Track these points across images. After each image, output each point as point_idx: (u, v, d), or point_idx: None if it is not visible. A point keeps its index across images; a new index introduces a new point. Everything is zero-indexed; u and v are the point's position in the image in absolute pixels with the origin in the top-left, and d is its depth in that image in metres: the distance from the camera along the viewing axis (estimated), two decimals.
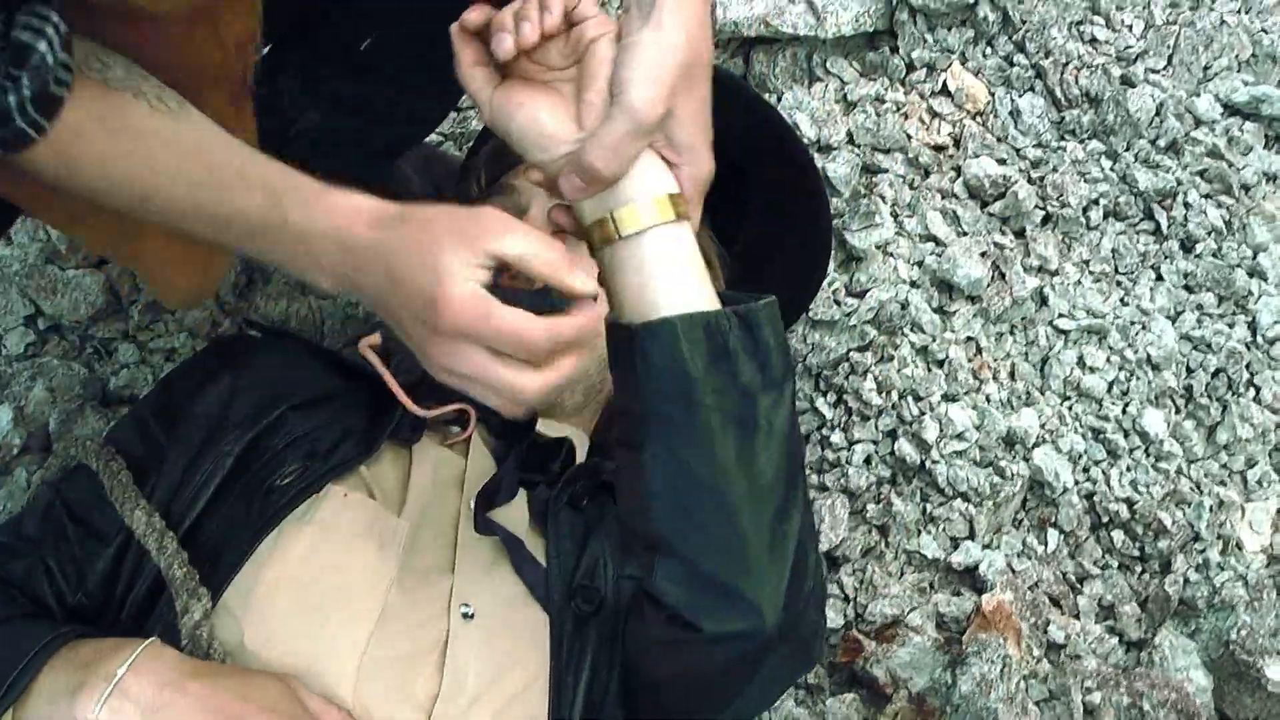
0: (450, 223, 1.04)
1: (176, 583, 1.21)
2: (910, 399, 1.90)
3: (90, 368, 1.97)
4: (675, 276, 1.10)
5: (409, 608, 1.26)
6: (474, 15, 1.14)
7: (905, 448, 1.87)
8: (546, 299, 1.08)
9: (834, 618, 1.81)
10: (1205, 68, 2.19)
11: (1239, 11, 2.25)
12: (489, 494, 1.35)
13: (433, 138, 2.07)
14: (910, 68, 2.16)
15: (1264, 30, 2.23)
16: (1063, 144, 2.10)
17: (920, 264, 2.00)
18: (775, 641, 1.11)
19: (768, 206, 1.79)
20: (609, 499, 1.37)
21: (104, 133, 1.03)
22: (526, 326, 1.03)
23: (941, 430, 1.86)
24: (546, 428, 1.49)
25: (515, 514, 1.37)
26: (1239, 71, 2.19)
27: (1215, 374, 1.96)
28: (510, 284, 1.07)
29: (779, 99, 2.13)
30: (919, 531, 1.86)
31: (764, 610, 1.09)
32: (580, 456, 1.52)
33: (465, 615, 1.25)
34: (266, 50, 1.66)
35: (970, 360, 1.94)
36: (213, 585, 1.22)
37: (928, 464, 1.86)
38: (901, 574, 1.86)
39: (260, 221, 1.06)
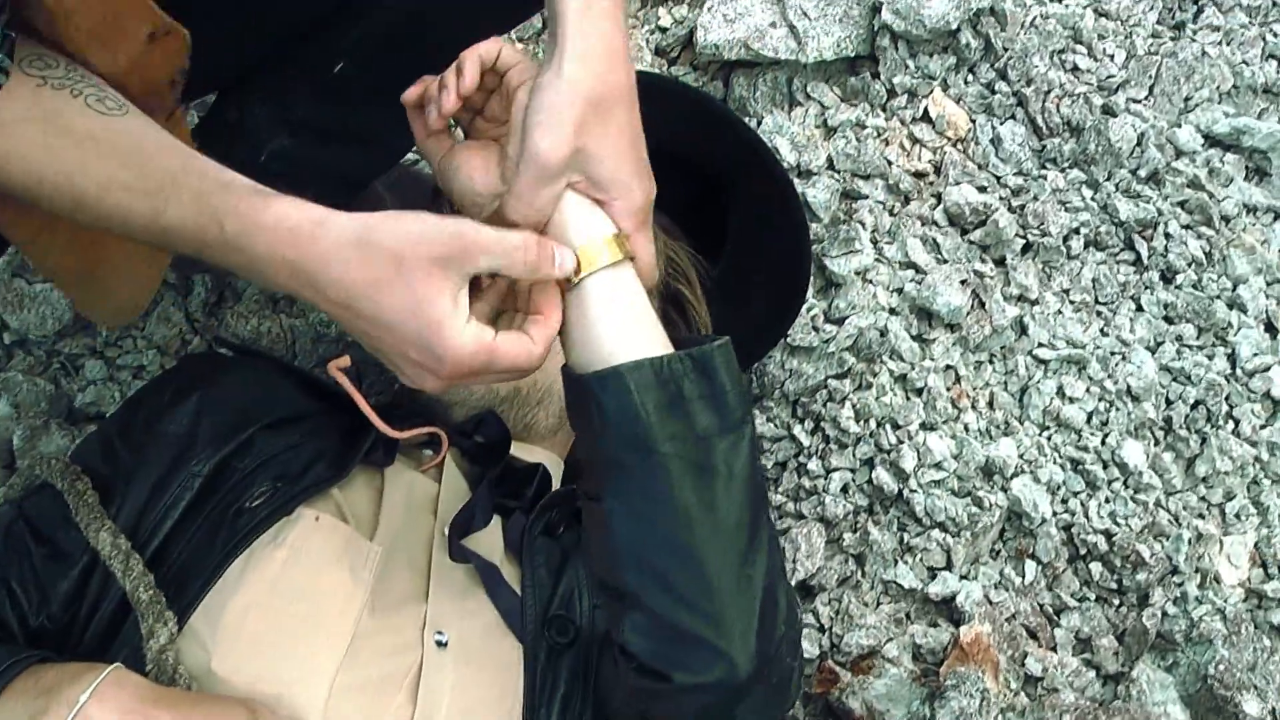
0: (421, 255, 1.02)
1: (142, 605, 1.19)
2: (888, 427, 1.88)
3: (56, 384, 1.94)
4: (617, 322, 1.10)
5: (381, 634, 1.24)
6: (413, 92, 1.18)
7: (883, 476, 1.86)
8: None
9: (809, 648, 1.79)
10: (1186, 98, 2.19)
11: (1220, 43, 2.26)
12: (463, 521, 1.33)
13: (408, 156, 2.05)
14: (891, 94, 2.16)
15: (1245, 62, 2.24)
16: (1044, 172, 2.09)
17: (900, 291, 1.99)
18: (748, 688, 1.09)
19: (751, 221, 1.78)
20: None
21: (36, 131, 1.01)
22: (528, 355, 1.07)
23: (919, 459, 1.85)
24: (520, 452, 1.48)
25: (490, 540, 1.35)
26: (1220, 103, 2.20)
27: (1195, 406, 1.96)
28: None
29: (759, 123, 2.12)
30: (896, 561, 1.85)
31: (734, 658, 1.07)
32: (555, 481, 1.50)
33: (439, 643, 1.24)
34: (237, 77, 1.65)
35: (949, 389, 1.93)
36: (180, 609, 1.20)
37: (905, 493, 1.85)
38: (878, 604, 1.84)
39: (195, 231, 1.03)
